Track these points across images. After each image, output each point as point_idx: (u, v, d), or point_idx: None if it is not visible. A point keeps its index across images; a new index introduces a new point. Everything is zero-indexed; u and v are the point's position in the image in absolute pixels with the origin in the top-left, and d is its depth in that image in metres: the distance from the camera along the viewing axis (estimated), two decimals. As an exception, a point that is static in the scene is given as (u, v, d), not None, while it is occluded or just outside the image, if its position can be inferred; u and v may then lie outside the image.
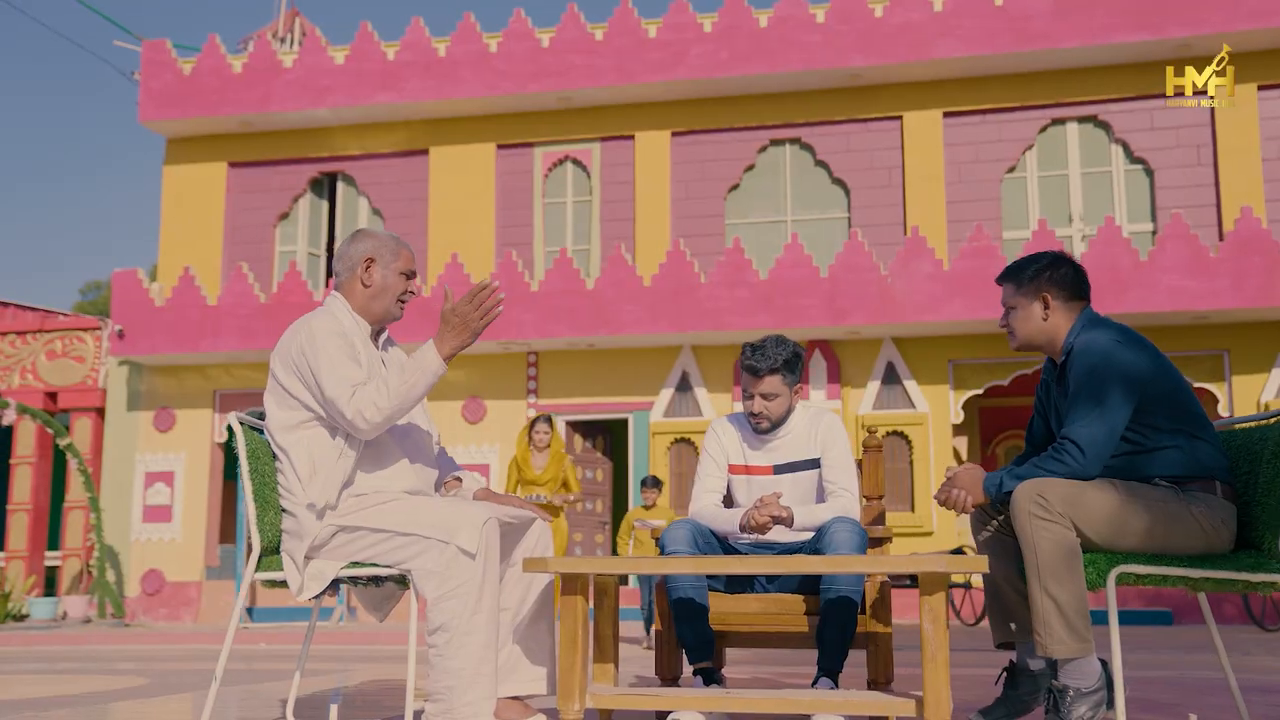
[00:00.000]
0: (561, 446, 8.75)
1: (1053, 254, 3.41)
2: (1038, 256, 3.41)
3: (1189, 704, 4.35)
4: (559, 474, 8.64)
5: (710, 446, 4.03)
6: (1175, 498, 3.06)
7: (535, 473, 8.55)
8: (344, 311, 3.40)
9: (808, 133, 15.08)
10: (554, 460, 8.64)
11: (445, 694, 3.04)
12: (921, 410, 14.07)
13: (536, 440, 8.61)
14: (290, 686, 5.26)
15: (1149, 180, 14.31)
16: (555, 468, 8.63)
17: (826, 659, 3.58)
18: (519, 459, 8.61)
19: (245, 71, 15.90)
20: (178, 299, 15.25)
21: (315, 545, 3.18)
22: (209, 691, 3.26)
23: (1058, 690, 3.01)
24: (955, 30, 14.12)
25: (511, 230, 15.59)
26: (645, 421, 14.64)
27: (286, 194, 16.36)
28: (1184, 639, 9.81)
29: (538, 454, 8.64)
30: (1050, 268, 3.34)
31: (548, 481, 8.54)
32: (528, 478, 8.54)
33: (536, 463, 8.61)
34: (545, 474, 8.59)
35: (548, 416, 8.72)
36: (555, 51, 15.11)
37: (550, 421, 8.70)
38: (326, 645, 9.94)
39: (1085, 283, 3.35)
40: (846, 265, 13.75)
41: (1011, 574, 3.32)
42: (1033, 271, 3.34)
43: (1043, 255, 3.41)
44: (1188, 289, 12.98)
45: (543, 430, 8.63)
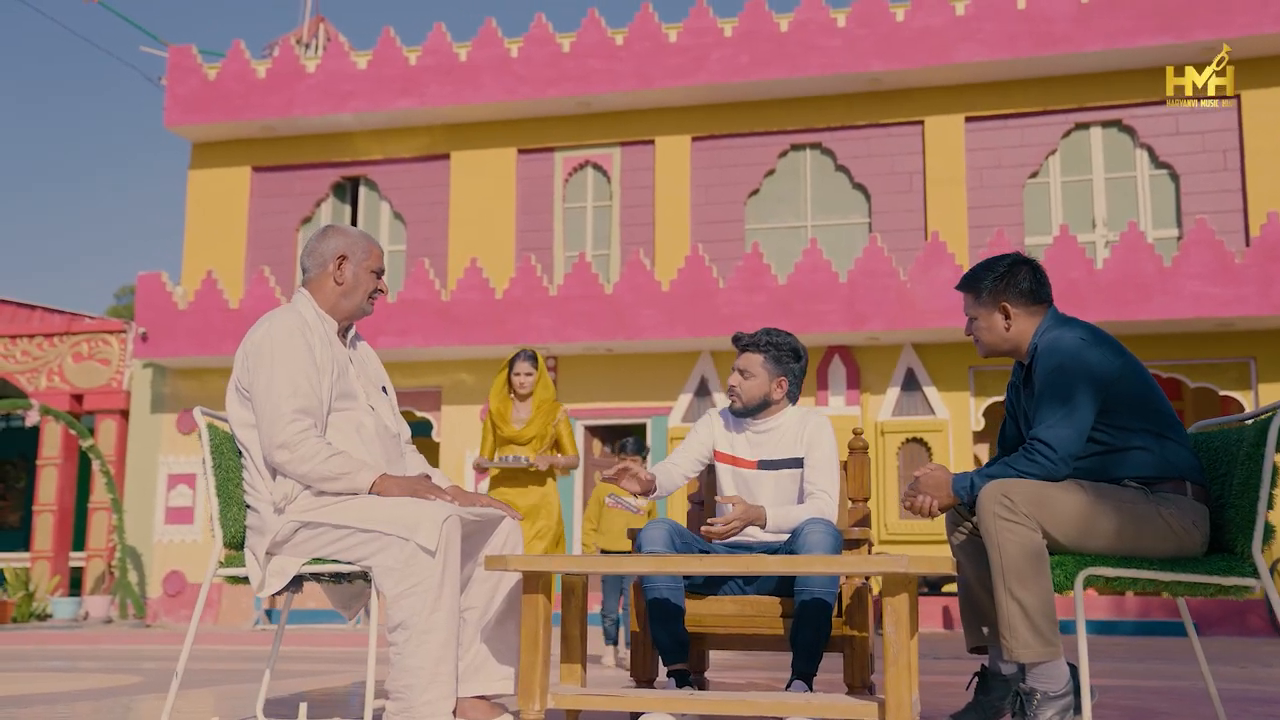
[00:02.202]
0: (552, 394, 6.50)
1: (1010, 260, 3.32)
2: (994, 263, 3.33)
3: (1183, 713, 4.27)
4: (547, 430, 6.39)
5: (699, 428, 4.05)
6: (1145, 499, 3.00)
7: (515, 429, 6.35)
8: (310, 309, 3.39)
9: (828, 138, 15.00)
10: (540, 412, 6.39)
11: (404, 693, 3.02)
12: (942, 417, 13.94)
13: (518, 385, 6.37)
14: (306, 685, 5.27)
15: (1174, 185, 14.13)
16: (542, 421, 6.38)
17: (800, 662, 3.54)
18: (495, 412, 6.44)
19: (269, 77, 16.02)
20: (200, 302, 15.37)
21: (277, 541, 3.17)
22: (170, 689, 3.25)
23: (1025, 693, 2.95)
24: (976, 34, 14.00)
25: (531, 235, 15.61)
26: (664, 426, 14.60)
27: (309, 198, 16.46)
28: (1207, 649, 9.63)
29: (519, 403, 6.43)
30: (1007, 276, 3.27)
31: (532, 439, 6.35)
32: (505, 435, 6.35)
33: (518, 415, 6.41)
34: (529, 429, 6.36)
35: (532, 352, 6.43)
36: (575, 56, 15.12)
37: (536, 360, 6.42)
38: (333, 648, 9.96)
39: (1045, 285, 3.28)
40: (866, 270, 13.66)
41: (984, 577, 3.25)
42: (990, 282, 3.28)
43: (999, 262, 3.33)
44: (1213, 295, 12.79)
45: (525, 371, 6.36)
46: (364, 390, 3.42)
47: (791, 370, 3.98)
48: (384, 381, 3.58)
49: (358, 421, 3.32)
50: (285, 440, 3.12)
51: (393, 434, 3.44)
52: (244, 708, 4.25)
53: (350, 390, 3.35)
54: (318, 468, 3.12)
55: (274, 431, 3.13)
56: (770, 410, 3.97)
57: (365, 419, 3.34)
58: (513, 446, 6.35)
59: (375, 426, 3.36)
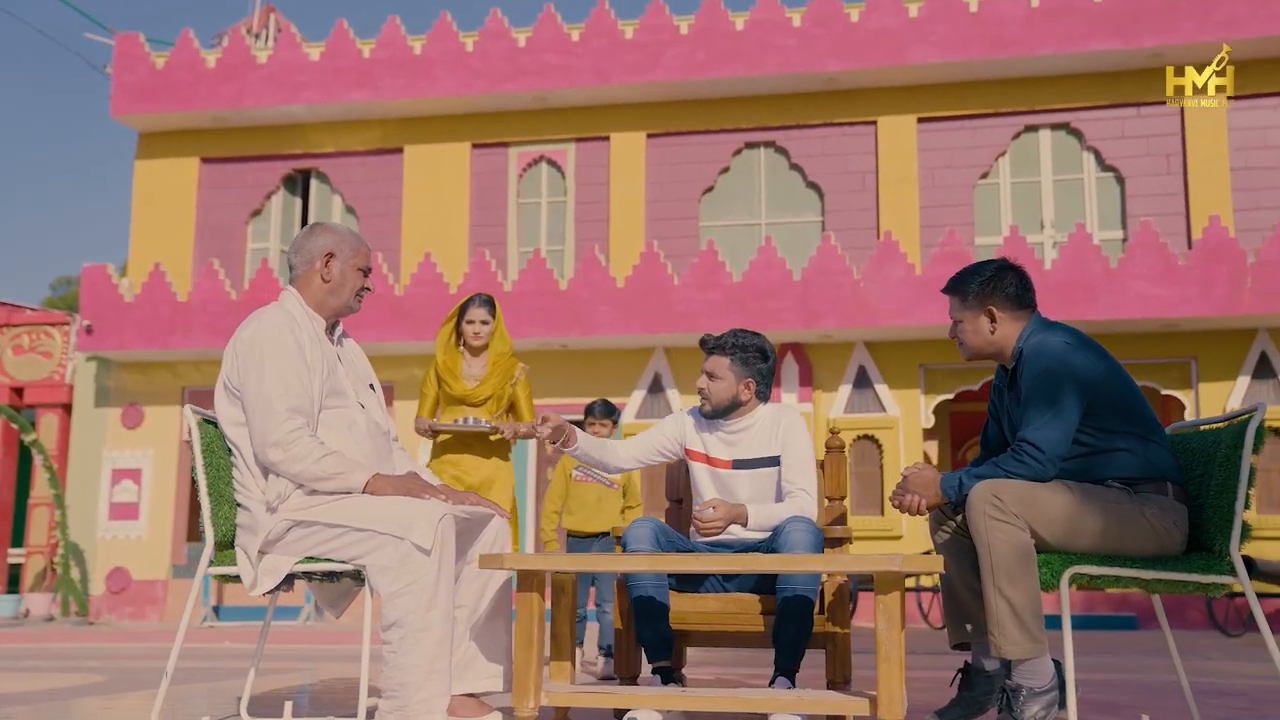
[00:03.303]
0: (509, 348, 5.58)
1: (996, 265, 3.39)
2: (980, 268, 3.39)
3: (1144, 706, 4.38)
4: (504, 389, 5.49)
5: (668, 423, 4.05)
6: (1128, 499, 3.08)
7: (467, 386, 5.42)
8: (298, 307, 3.38)
9: (783, 136, 15.11)
10: (497, 368, 5.48)
11: (398, 691, 3.02)
12: (892, 414, 14.11)
13: (471, 335, 5.44)
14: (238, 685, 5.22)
15: (1120, 188, 14.41)
16: (499, 379, 5.47)
17: (783, 658, 3.58)
18: (441, 366, 5.48)
19: (219, 67, 15.80)
20: (148, 295, 15.13)
21: (269, 540, 3.16)
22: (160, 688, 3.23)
23: (1011, 689, 3.02)
24: (930, 36, 14.18)
25: (485, 230, 15.55)
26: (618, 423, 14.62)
27: (259, 190, 16.27)
28: (1146, 643, 9.87)
29: (471, 357, 5.51)
30: (994, 280, 3.33)
31: (486, 400, 5.44)
32: (456, 393, 5.42)
33: (469, 370, 5.49)
34: (484, 388, 5.43)
35: (489, 297, 5.52)
36: (531, 51, 15.09)
37: (493, 307, 5.51)
38: (292, 645, 9.88)
39: (1030, 290, 3.36)
40: (819, 269, 13.78)
41: (968, 575, 3.32)
42: (976, 285, 3.34)
43: (985, 266, 3.39)
44: (1157, 296, 13.08)
45: (481, 319, 5.44)
46: (353, 388, 3.41)
47: (759, 371, 4.00)
48: (371, 378, 3.57)
49: (349, 419, 3.31)
50: (278, 439, 3.10)
51: (383, 431, 3.44)
52: (221, 706, 4.21)
53: (340, 388, 3.34)
54: (311, 467, 3.11)
55: (267, 430, 3.12)
56: (741, 411, 3.99)
57: (357, 417, 3.34)
58: (463, 408, 5.42)
59: (366, 424, 3.36)
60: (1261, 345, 13.56)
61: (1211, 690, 5.15)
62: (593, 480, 6.31)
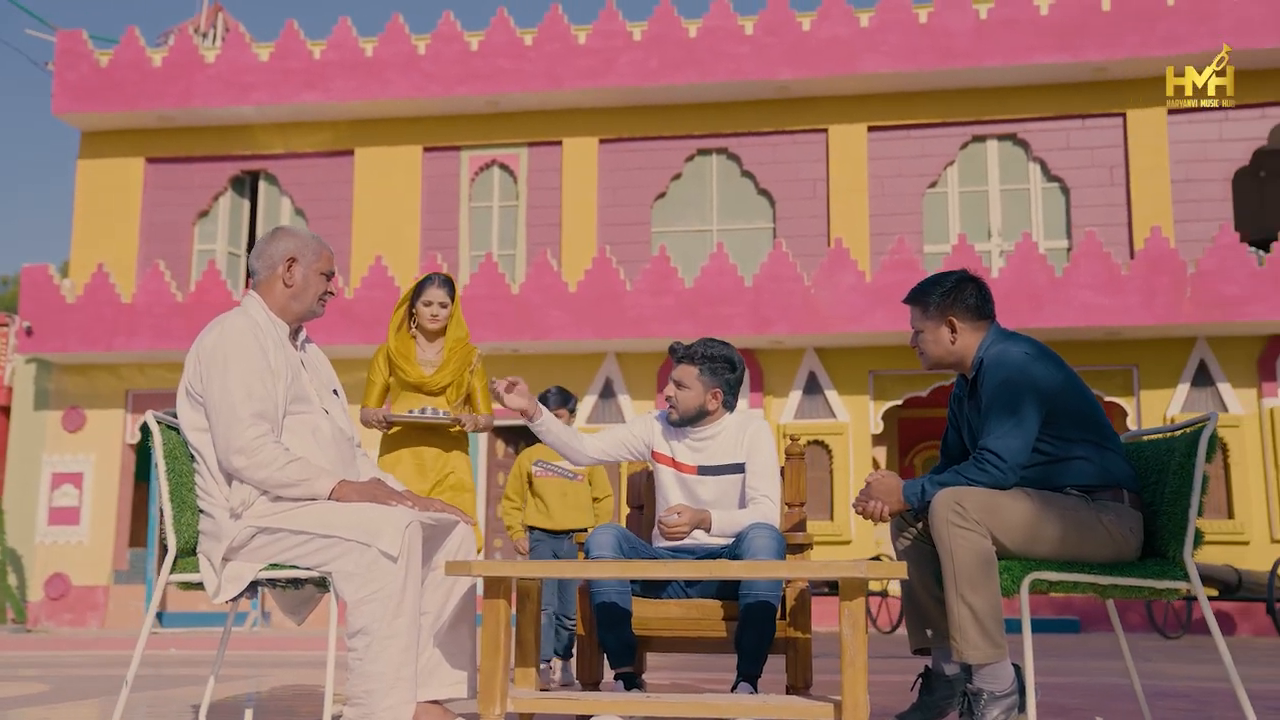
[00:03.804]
0: (466, 334, 5.14)
1: (956, 276, 3.45)
2: (942, 279, 3.45)
3: (1095, 709, 4.46)
4: (462, 376, 5.05)
5: (636, 424, 4.08)
6: (1086, 506, 3.14)
7: (423, 373, 4.98)
8: (261, 312, 3.36)
9: (735, 143, 15.20)
10: (455, 354, 5.04)
11: (364, 698, 3.01)
12: (842, 420, 14.24)
13: (428, 318, 4.98)
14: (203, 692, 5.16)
15: (1065, 198, 14.66)
16: (457, 366, 5.03)
17: (745, 664, 3.62)
18: (394, 351, 5.00)
19: (165, 66, 15.59)
20: (90, 296, 14.89)
21: (233, 547, 3.13)
22: (119, 697, 3.18)
23: (972, 694, 3.07)
24: (881, 46, 14.34)
25: (436, 234, 15.48)
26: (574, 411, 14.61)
27: (206, 191, 16.08)
28: (1090, 646, 10.04)
29: (426, 342, 5.06)
30: (954, 291, 3.39)
31: (445, 389, 5.00)
32: (411, 380, 4.96)
33: (424, 356, 5.04)
34: (441, 375, 4.99)
35: (447, 277, 5.06)
36: (484, 55, 15.05)
37: (452, 288, 5.05)
38: (240, 651, 9.75)
39: (989, 302, 3.42)
40: (771, 275, 13.88)
41: (929, 581, 3.37)
42: (938, 297, 3.40)
43: (946, 278, 3.45)
44: (1100, 305, 13.32)
45: (439, 301, 4.99)
46: (317, 393, 3.39)
47: (727, 381, 4.05)
48: (335, 384, 3.55)
49: (314, 425, 3.29)
50: (242, 445, 3.08)
51: (347, 437, 3.42)
52: (178, 715, 4.16)
53: (304, 394, 3.32)
54: (275, 474, 3.09)
55: (230, 436, 3.09)
56: (708, 420, 4.03)
57: (321, 423, 3.32)
58: (418, 396, 4.98)
59: (331, 430, 3.34)
60: (1200, 354, 13.85)
61: (1157, 692, 5.26)
62: (554, 475, 5.94)
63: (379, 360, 5.05)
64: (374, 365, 5.07)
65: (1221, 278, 13.18)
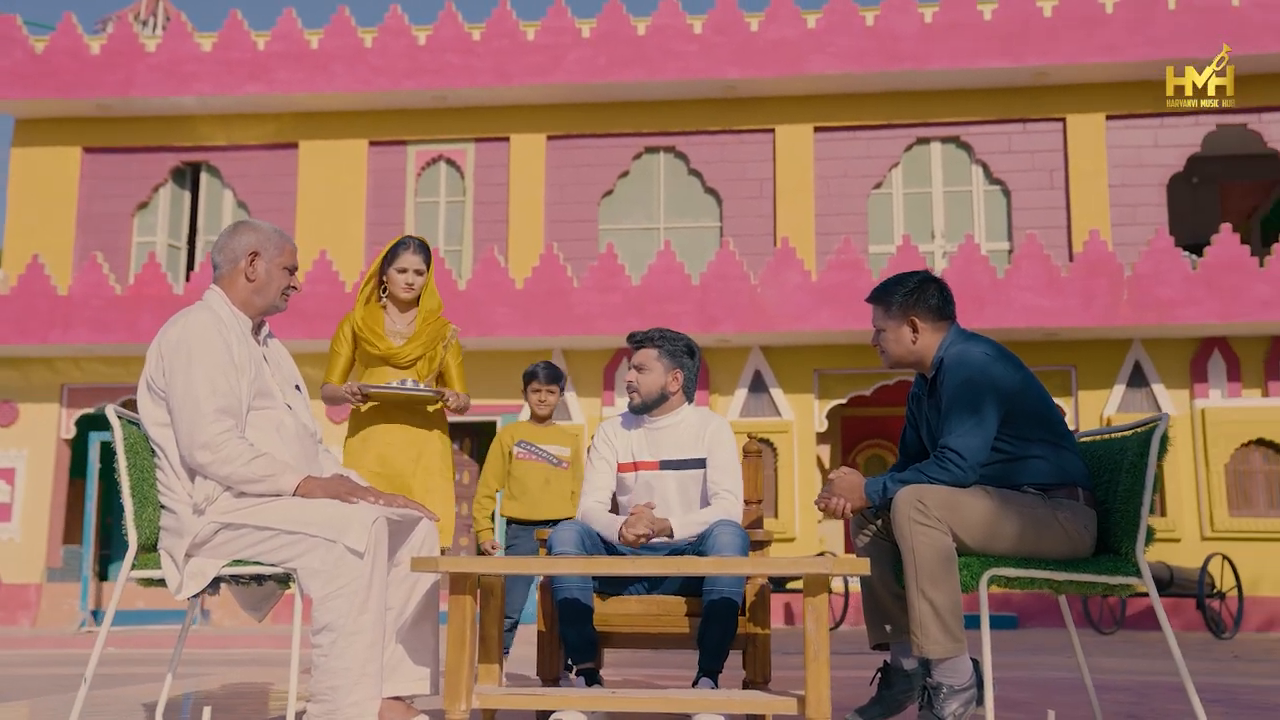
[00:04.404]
0: (440, 305, 4.81)
1: (919, 276, 3.51)
2: (904, 279, 3.51)
3: (1043, 702, 4.56)
4: (434, 349, 4.72)
5: (600, 446, 4.08)
6: (1043, 504, 3.22)
7: (393, 345, 4.61)
8: (223, 306, 3.33)
9: (682, 142, 15.25)
10: (428, 325, 4.70)
11: (329, 694, 2.99)
12: (787, 418, 14.35)
13: (401, 287, 4.62)
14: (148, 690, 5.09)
15: (1006, 201, 14.89)
16: (430, 337, 4.69)
17: (707, 659, 3.65)
18: (362, 323, 4.62)
19: (104, 54, 15.30)
20: (24, 288, 14.57)
21: (197, 543, 3.10)
22: (76, 695, 3.14)
23: (932, 687, 3.13)
24: (828, 47, 14.46)
25: (382, 228, 15.35)
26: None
27: (146, 183, 15.80)
28: (1029, 641, 10.22)
29: (398, 313, 4.70)
30: (917, 291, 3.45)
31: (416, 362, 4.66)
32: (380, 352, 4.60)
33: (394, 327, 4.66)
34: (412, 347, 4.64)
35: (424, 242, 4.69)
36: (431, 50, 14.96)
37: (428, 254, 4.68)
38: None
39: (950, 303, 3.49)
40: (717, 274, 13.94)
41: (887, 577, 3.43)
42: (900, 296, 3.46)
43: (909, 278, 3.51)
44: (1040, 307, 13.55)
45: (415, 268, 4.63)
46: (280, 388, 3.37)
47: (686, 364, 4.10)
48: (297, 379, 3.53)
49: (277, 421, 3.27)
50: (207, 441, 3.05)
51: (310, 433, 3.40)
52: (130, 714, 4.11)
53: (267, 389, 3.30)
54: (240, 470, 3.07)
55: (195, 432, 3.06)
56: (668, 406, 4.07)
57: (285, 418, 3.30)
58: (387, 370, 4.59)
59: (294, 426, 3.32)
60: (1135, 355, 14.15)
61: (1097, 685, 5.37)
62: (539, 459, 5.31)
63: (343, 332, 4.65)
64: (338, 338, 4.66)
65: (1156, 281, 13.47)
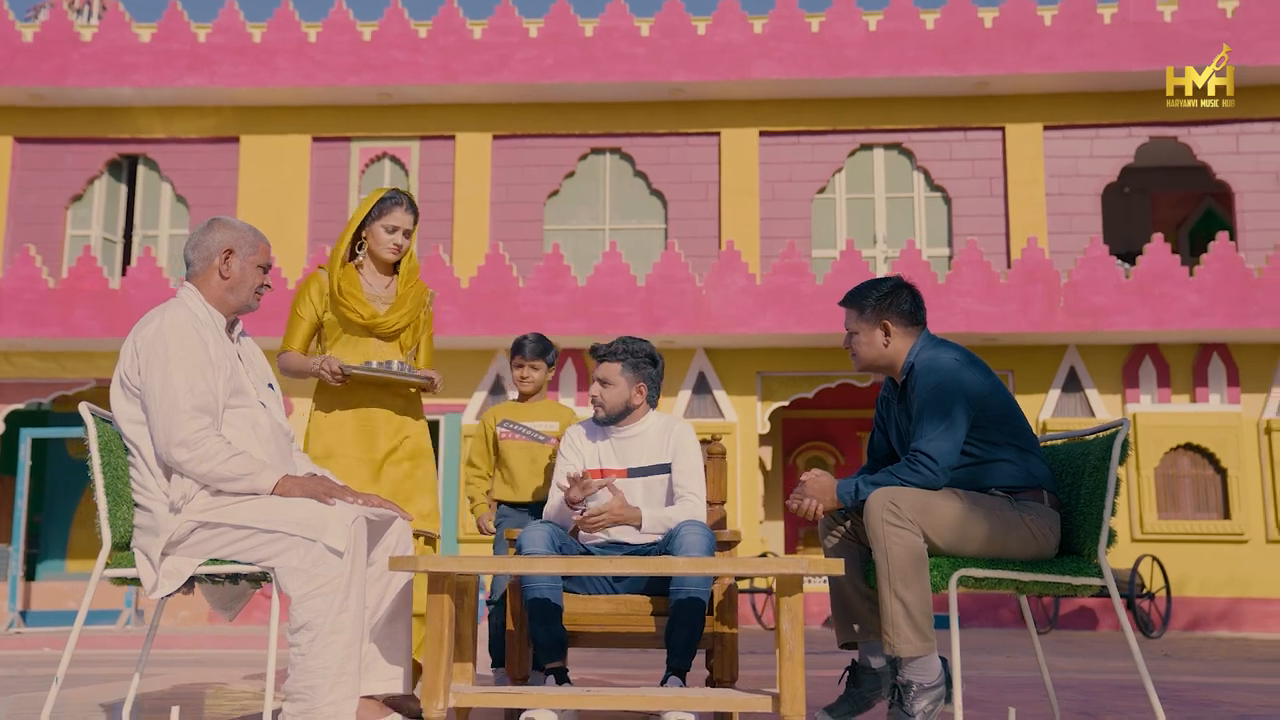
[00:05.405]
0: (418, 267, 4.26)
1: (892, 282, 3.59)
2: (879, 284, 3.58)
3: (999, 700, 4.66)
4: (419, 319, 4.21)
5: (566, 453, 4.11)
6: (1010, 507, 3.30)
7: (376, 312, 4.07)
8: (198, 304, 3.32)
9: (628, 143, 15.29)
10: (410, 288, 4.17)
11: (307, 694, 2.99)
12: (730, 420, 14.45)
13: (386, 247, 4.07)
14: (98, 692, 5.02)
15: (947, 208, 15.14)
16: (414, 303, 4.17)
17: (676, 658, 3.69)
18: (339, 287, 4.04)
19: (37, 41, 14.97)
20: (-46, 280, 14.21)
21: (173, 541, 3.08)
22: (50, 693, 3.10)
23: (901, 686, 3.20)
24: (774, 52, 14.59)
25: (325, 225, 15.20)
26: (457, 424, 14.53)
27: (81, 174, 15.49)
28: (970, 642, 10.40)
29: (377, 274, 4.16)
30: (890, 296, 3.53)
31: (400, 333, 4.15)
32: (363, 319, 4.04)
33: (373, 291, 4.11)
34: (397, 314, 4.11)
35: (410, 197, 4.16)
36: (377, 46, 14.84)
37: (415, 211, 4.15)
38: (115, 650, 9.45)
39: (922, 309, 3.57)
40: (663, 275, 14.00)
41: (856, 577, 3.50)
42: (874, 300, 3.53)
43: (883, 283, 3.59)
44: (980, 312, 13.79)
45: (405, 225, 4.09)
46: (254, 386, 3.35)
47: (649, 375, 4.15)
48: (270, 378, 3.52)
49: (253, 419, 3.25)
50: (184, 439, 3.03)
51: (284, 431, 3.39)
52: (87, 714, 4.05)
53: (242, 387, 3.29)
54: (218, 468, 3.05)
55: (172, 430, 3.04)
56: (633, 416, 4.12)
57: (260, 417, 3.28)
58: (368, 342, 4.07)
59: (269, 424, 3.31)
60: (1070, 361, 14.46)
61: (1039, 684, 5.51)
62: (521, 438, 5.05)
63: (309, 294, 4.06)
64: (302, 300, 4.07)
65: (1091, 288, 13.78)
